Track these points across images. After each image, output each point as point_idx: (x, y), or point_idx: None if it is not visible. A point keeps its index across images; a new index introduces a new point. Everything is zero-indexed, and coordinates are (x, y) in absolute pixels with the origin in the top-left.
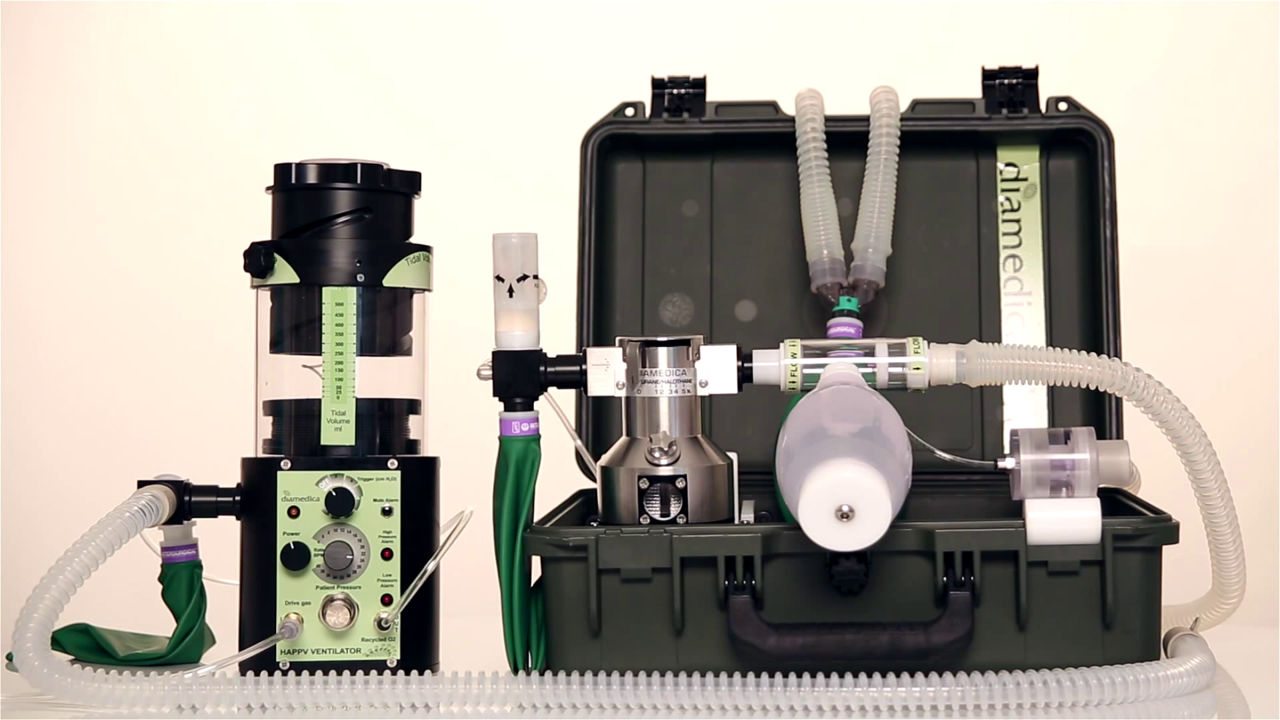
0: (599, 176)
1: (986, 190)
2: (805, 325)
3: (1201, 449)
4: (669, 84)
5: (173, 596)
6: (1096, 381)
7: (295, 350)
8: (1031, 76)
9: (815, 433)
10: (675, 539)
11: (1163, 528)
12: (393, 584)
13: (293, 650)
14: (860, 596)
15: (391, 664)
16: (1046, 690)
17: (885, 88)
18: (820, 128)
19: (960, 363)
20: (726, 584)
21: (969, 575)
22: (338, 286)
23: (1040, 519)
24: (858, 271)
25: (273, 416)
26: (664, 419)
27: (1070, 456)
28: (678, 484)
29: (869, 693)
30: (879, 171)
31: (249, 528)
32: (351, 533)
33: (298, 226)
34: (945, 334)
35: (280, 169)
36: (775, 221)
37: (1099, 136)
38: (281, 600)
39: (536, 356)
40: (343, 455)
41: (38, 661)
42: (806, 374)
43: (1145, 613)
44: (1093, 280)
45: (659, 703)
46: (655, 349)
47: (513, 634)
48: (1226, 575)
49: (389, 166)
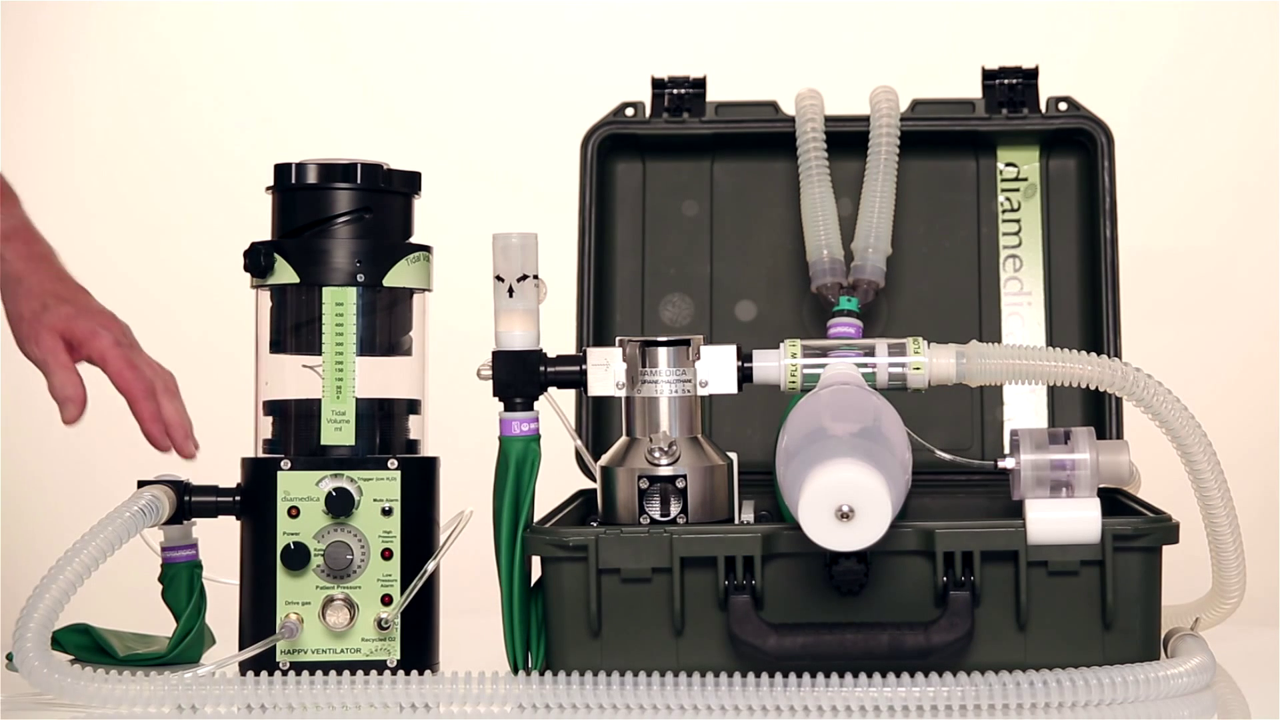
0: (599, 177)
1: (986, 190)
2: (805, 325)
3: (1201, 449)
4: (669, 84)
5: (173, 597)
6: (1096, 381)
7: (295, 350)
8: (1031, 76)
9: (815, 433)
10: (675, 539)
11: (1163, 528)
12: (393, 584)
13: (293, 650)
14: (860, 596)
15: (391, 664)
16: (1046, 690)
17: (885, 88)
18: (820, 128)
19: (960, 363)
20: (726, 584)
21: (969, 575)
22: (338, 286)
23: (1040, 519)
24: (858, 271)
25: (273, 416)
26: (664, 419)
27: (1070, 456)
28: (678, 484)
29: (869, 693)
30: (879, 171)
31: (249, 528)
32: (351, 533)
33: (298, 226)
34: (945, 334)
35: (280, 169)
36: (775, 221)
37: (1099, 136)
38: (281, 600)
39: (536, 356)
40: (343, 455)
41: (37, 661)
42: (806, 374)
43: (1145, 613)
44: (1093, 280)
45: (659, 703)
46: (655, 349)
47: (513, 634)
48: (1226, 575)
49: (389, 166)
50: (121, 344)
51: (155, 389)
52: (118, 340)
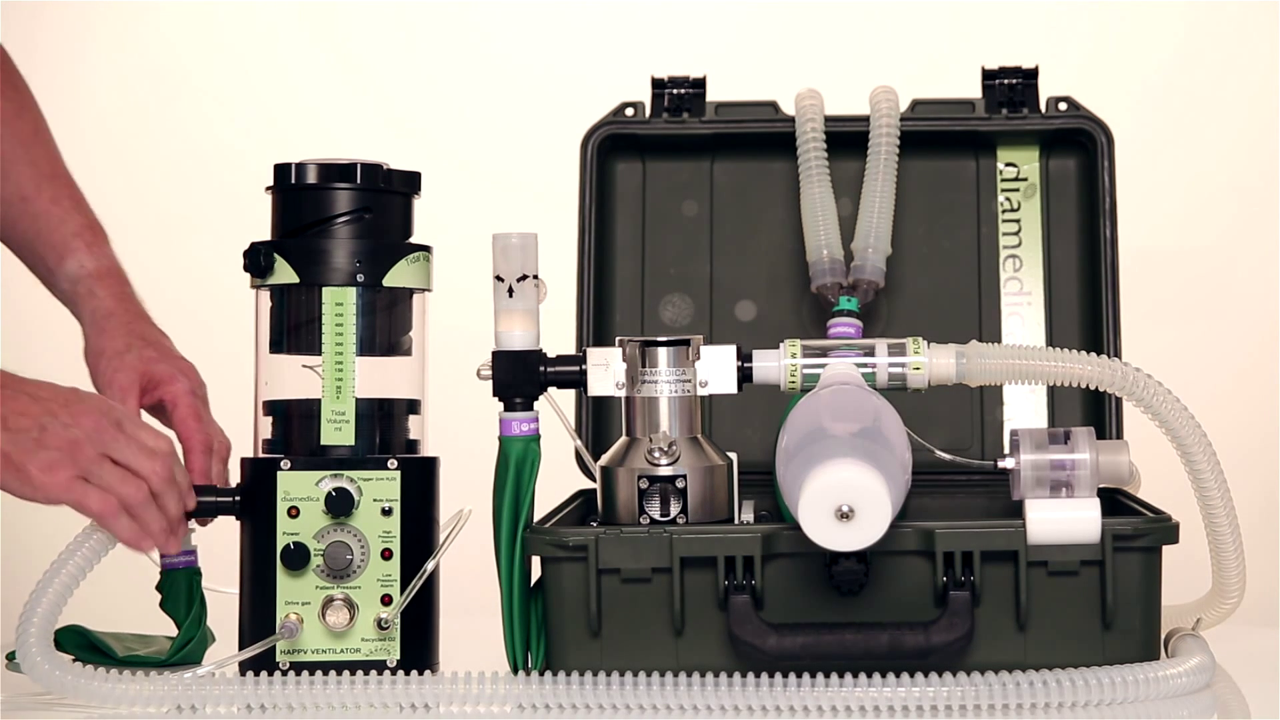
0: (599, 176)
1: (986, 190)
2: (805, 325)
3: (1201, 449)
4: (669, 84)
5: (171, 605)
6: (1096, 381)
7: (295, 350)
8: (1031, 76)
9: (815, 433)
10: (675, 539)
11: (1163, 528)
12: (392, 584)
13: (293, 650)
14: (860, 596)
15: (391, 664)
16: (1046, 690)
17: (885, 88)
18: (820, 128)
19: (960, 363)
20: (726, 584)
21: (969, 575)
22: (338, 286)
23: (1040, 519)
24: (858, 271)
25: (273, 416)
26: (664, 419)
27: (1070, 456)
28: (678, 484)
29: (869, 693)
30: (879, 171)
31: (249, 528)
32: (351, 533)
33: (297, 226)
34: (945, 334)
35: (280, 169)
36: (775, 221)
37: (1099, 136)
38: (281, 600)
39: (536, 356)
40: (343, 455)
41: (41, 658)
42: (806, 374)
43: (1145, 613)
44: (1093, 280)
45: (659, 703)
46: (655, 349)
47: (513, 634)
48: (1226, 575)
49: (389, 166)
50: (196, 394)
51: (212, 447)
52: (193, 390)
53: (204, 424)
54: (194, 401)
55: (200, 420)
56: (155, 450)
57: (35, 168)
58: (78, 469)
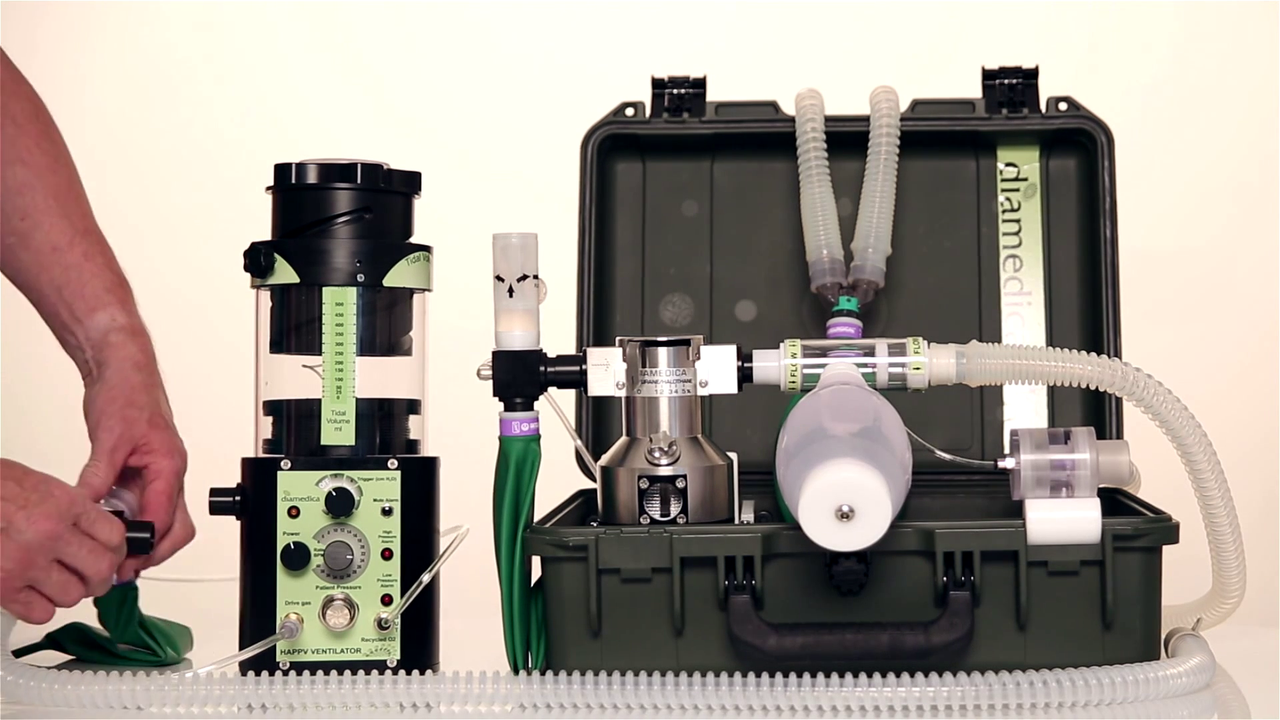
0: (599, 176)
1: (986, 190)
2: (805, 325)
3: (1201, 449)
4: (669, 84)
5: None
6: (1096, 381)
7: (295, 350)
8: (1031, 76)
9: (815, 433)
10: (675, 539)
11: (1163, 528)
12: (393, 584)
13: (293, 650)
14: (860, 596)
15: (391, 664)
16: (1046, 690)
17: (885, 88)
18: (820, 128)
19: (960, 363)
20: (726, 584)
21: (969, 575)
22: (338, 286)
23: (1040, 519)
24: (858, 271)
25: (273, 416)
26: (664, 419)
27: (1070, 456)
28: (678, 484)
29: (869, 693)
30: (879, 171)
31: (249, 528)
32: (351, 533)
33: (298, 226)
34: (945, 334)
35: (280, 169)
36: (775, 221)
37: (1099, 136)
38: (281, 600)
39: (536, 356)
40: (343, 455)
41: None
42: (806, 374)
43: (1145, 613)
44: (1093, 280)
45: (659, 703)
46: (655, 349)
47: (513, 634)
48: (1226, 575)
49: (389, 166)
50: (178, 476)
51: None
52: (178, 472)
53: (173, 507)
54: (174, 483)
55: (171, 502)
56: (106, 546)
57: (69, 221)
58: (26, 580)
